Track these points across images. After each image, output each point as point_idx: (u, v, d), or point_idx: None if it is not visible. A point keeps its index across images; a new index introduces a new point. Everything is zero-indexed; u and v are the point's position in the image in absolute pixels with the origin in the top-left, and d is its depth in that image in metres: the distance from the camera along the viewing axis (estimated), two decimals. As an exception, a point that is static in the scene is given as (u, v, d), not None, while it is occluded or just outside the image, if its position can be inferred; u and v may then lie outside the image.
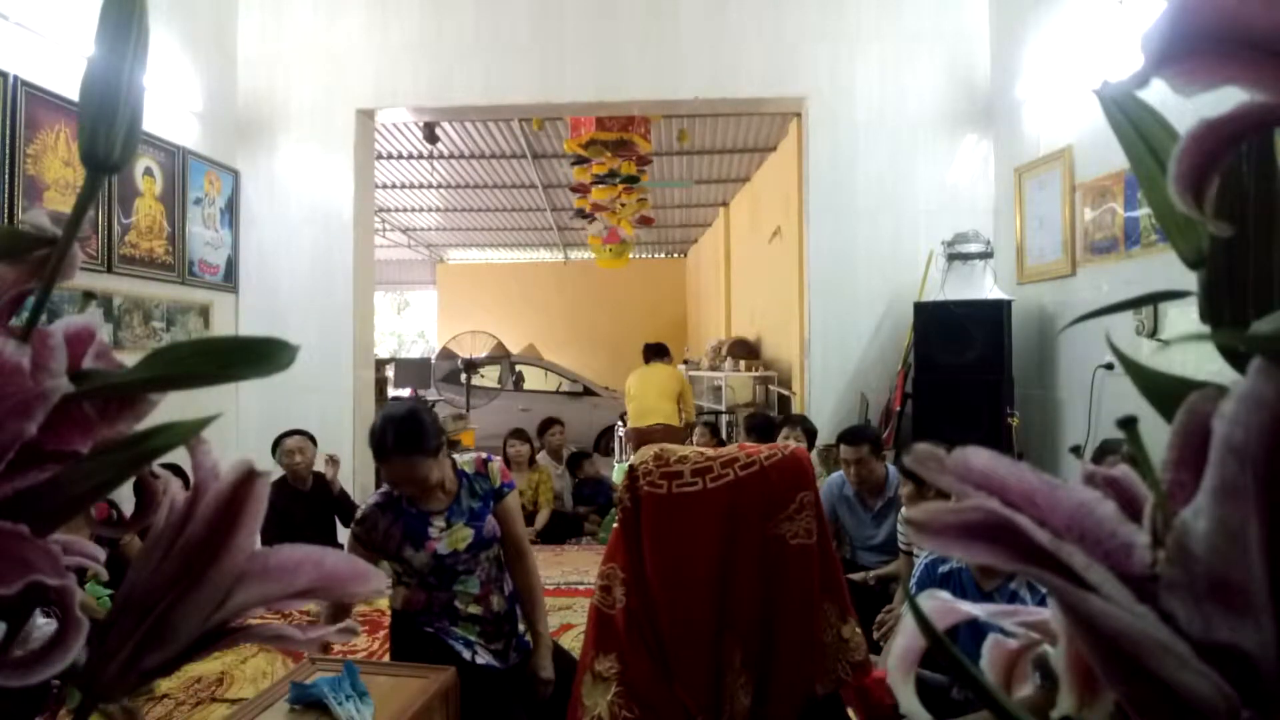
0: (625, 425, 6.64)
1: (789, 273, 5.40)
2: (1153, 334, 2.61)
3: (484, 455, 2.05)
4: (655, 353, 6.00)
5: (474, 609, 1.86)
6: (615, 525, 1.78)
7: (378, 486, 4.39)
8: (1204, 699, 0.22)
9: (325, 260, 4.09)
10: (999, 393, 3.38)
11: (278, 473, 3.59)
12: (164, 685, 2.42)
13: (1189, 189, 0.24)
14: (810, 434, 3.61)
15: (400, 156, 7.00)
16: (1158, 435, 0.27)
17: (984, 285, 3.59)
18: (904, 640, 0.28)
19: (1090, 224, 3.10)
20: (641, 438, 5.34)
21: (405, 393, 7.14)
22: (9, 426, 0.27)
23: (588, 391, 8.93)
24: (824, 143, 4.00)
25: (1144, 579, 0.23)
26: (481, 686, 1.75)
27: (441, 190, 8.25)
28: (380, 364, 4.75)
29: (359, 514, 1.86)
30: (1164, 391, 0.27)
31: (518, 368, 9.11)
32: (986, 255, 3.64)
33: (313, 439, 3.71)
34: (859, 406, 3.92)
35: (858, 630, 1.67)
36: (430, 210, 9.25)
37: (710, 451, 1.71)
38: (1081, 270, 3.19)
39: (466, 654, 1.80)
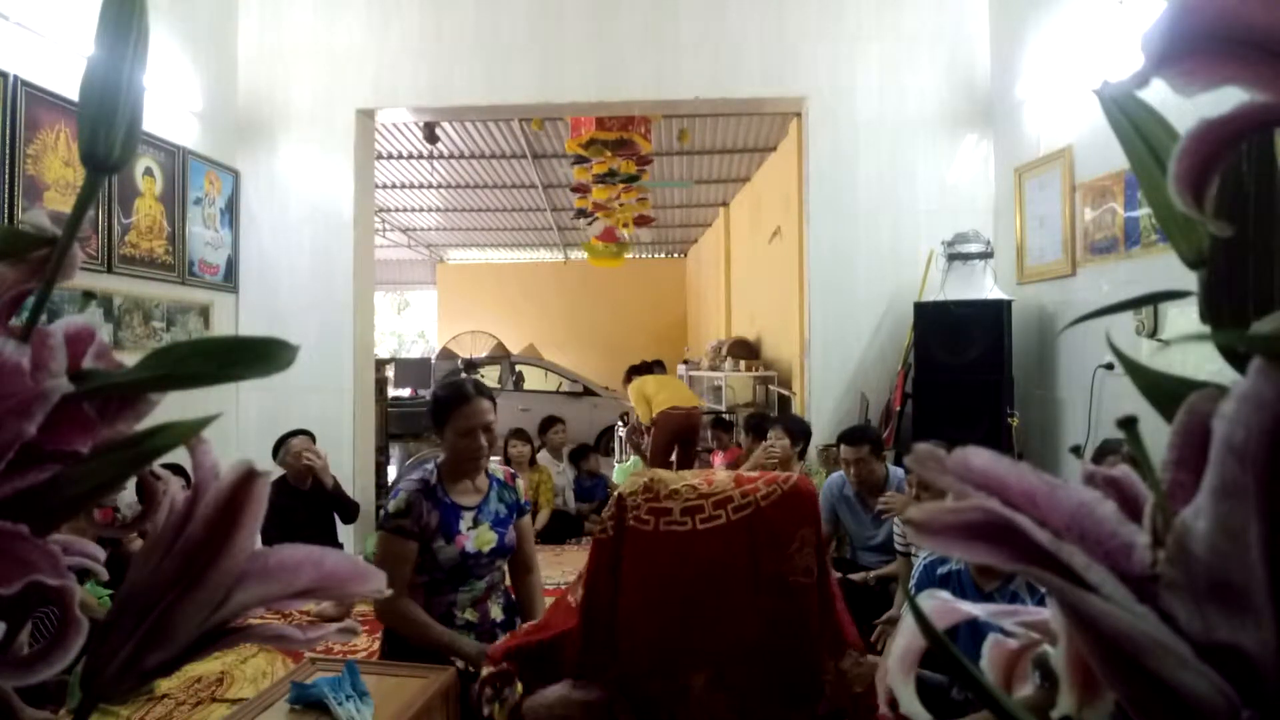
0: (629, 423, 6.66)
1: (789, 273, 5.40)
2: (1153, 334, 2.61)
3: (512, 471, 2.17)
4: (648, 368, 6.40)
5: (470, 615, 1.88)
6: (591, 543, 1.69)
7: (379, 487, 4.40)
8: (1204, 699, 0.22)
9: (325, 260, 4.09)
10: (999, 393, 3.38)
11: (277, 472, 3.59)
12: (164, 685, 2.41)
13: (1189, 189, 0.24)
14: (795, 434, 3.57)
15: (400, 156, 7.00)
16: (1158, 435, 0.27)
17: (984, 285, 3.59)
18: (904, 640, 0.28)
19: (1090, 224, 3.10)
20: (677, 422, 5.45)
21: (405, 392, 7.14)
22: (9, 426, 0.27)
23: (588, 391, 8.92)
24: (824, 143, 4.00)
25: (1144, 579, 0.23)
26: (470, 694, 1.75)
27: (441, 190, 8.24)
28: (380, 364, 4.75)
29: (397, 504, 1.83)
30: (1164, 391, 0.27)
31: (518, 368, 9.10)
32: (986, 255, 3.64)
33: (314, 439, 3.71)
34: (859, 406, 3.92)
35: (860, 660, 1.58)
36: (430, 210, 9.25)
37: (705, 486, 1.58)
38: (1081, 270, 3.19)
39: (459, 662, 1.78)
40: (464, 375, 2.12)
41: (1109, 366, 2.91)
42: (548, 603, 2.03)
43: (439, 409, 1.92)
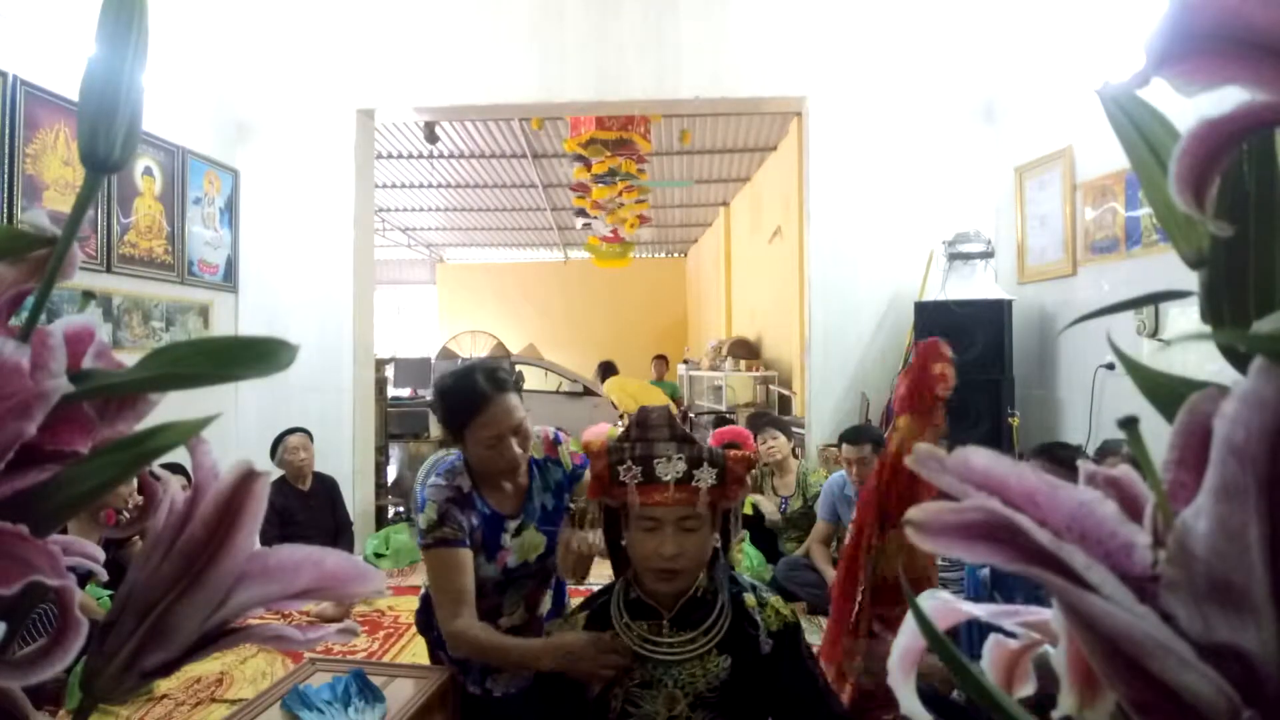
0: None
1: (789, 272, 5.39)
2: (1154, 334, 2.61)
3: (551, 433, 1.70)
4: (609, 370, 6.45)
5: (517, 618, 1.64)
6: None
7: (378, 487, 4.39)
8: (1204, 699, 0.22)
9: (325, 260, 4.08)
10: (1000, 393, 3.37)
11: (277, 472, 3.58)
12: (163, 685, 2.40)
13: (1190, 188, 0.24)
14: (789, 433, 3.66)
15: (400, 156, 6.99)
16: (1159, 435, 0.26)
17: (985, 285, 3.58)
18: (904, 640, 0.28)
19: (1091, 223, 3.09)
20: None
21: (405, 392, 7.13)
22: (9, 426, 0.27)
23: (588, 392, 8.91)
24: (824, 142, 3.99)
25: (1145, 579, 0.23)
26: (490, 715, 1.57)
27: (441, 190, 8.24)
28: (380, 363, 4.74)
29: (428, 518, 1.50)
30: (1165, 392, 0.27)
31: (517, 368, 9.09)
32: (987, 255, 3.63)
33: (310, 438, 3.70)
34: (860, 406, 3.92)
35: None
36: (430, 210, 9.25)
37: None
38: (1082, 270, 3.19)
39: (476, 689, 1.60)
40: (475, 361, 1.76)
41: (1110, 366, 2.91)
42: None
43: (452, 418, 1.52)
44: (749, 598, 1.25)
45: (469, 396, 1.51)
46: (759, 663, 1.20)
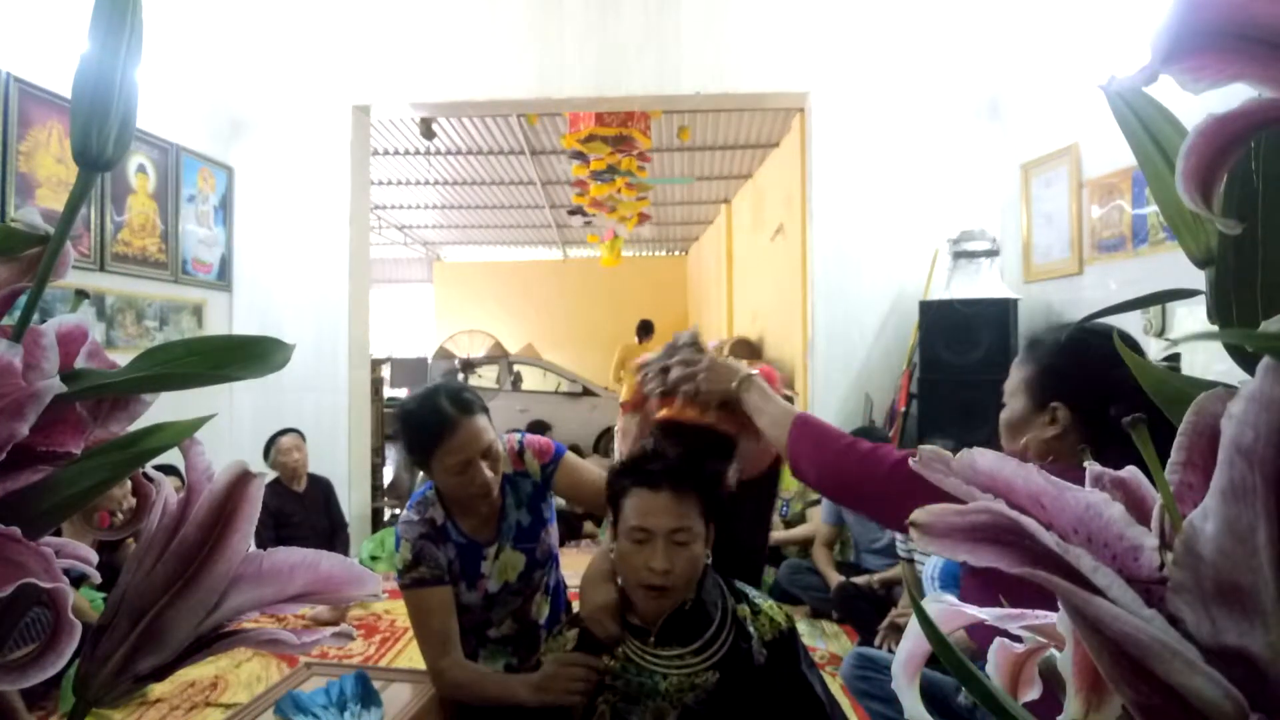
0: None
1: (792, 271, 5.38)
2: (1161, 333, 2.60)
3: (516, 441, 1.59)
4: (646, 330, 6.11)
5: (506, 629, 1.61)
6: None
7: (374, 489, 4.38)
8: (1211, 703, 0.22)
9: (320, 258, 4.06)
10: (1004, 392, 3.36)
11: (271, 474, 3.57)
12: (157, 690, 2.37)
13: (1197, 186, 0.24)
14: None
15: (396, 153, 6.98)
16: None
17: (990, 283, 3.55)
18: (908, 645, 0.28)
19: (1098, 221, 3.09)
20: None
21: (402, 393, 7.13)
22: (1, 427, 0.27)
23: (587, 392, 8.91)
24: (827, 139, 3.97)
25: (1152, 582, 0.23)
26: None
27: (438, 187, 8.22)
28: (375, 364, 4.73)
29: (403, 558, 1.46)
30: (1172, 392, 0.27)
31: (516, 367, 9.09)
32: (992, 253, 3.60)
33: (303, 438, 3.70)
34: (863, 407, 3.91)
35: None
36: (427, 207, 9.24)
37: None
38: (1089, 268, 3.18)
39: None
40: (438, 383, 1.54)
41: (1115, 366, 2.90)
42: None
43: (416, 445, 1.46)
44: (741, 608, 1.23)
45: (433, 422, 1.42)
46: (752, 675, 1.17)
